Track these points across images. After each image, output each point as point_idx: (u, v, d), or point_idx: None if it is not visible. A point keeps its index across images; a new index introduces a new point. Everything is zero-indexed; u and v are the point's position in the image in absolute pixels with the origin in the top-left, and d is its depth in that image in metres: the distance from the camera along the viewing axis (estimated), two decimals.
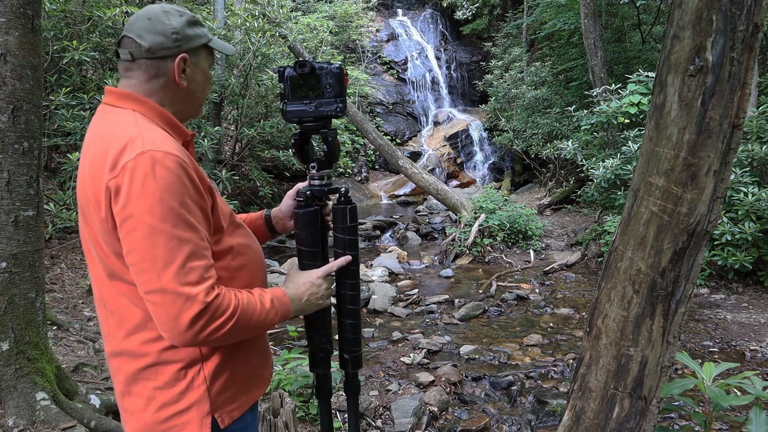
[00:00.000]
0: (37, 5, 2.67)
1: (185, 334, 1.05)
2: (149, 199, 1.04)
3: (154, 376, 1.16)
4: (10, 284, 2.66)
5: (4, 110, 2.58)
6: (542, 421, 3.80)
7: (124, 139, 1.09)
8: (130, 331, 1.16)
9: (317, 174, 1.44)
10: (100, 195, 1.08)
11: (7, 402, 2.62)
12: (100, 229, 1.12)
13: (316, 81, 1.35)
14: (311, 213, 1.39)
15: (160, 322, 1.07)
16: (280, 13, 9.19)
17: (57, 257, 5.57)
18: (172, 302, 1.04)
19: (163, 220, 1.04)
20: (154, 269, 1.04)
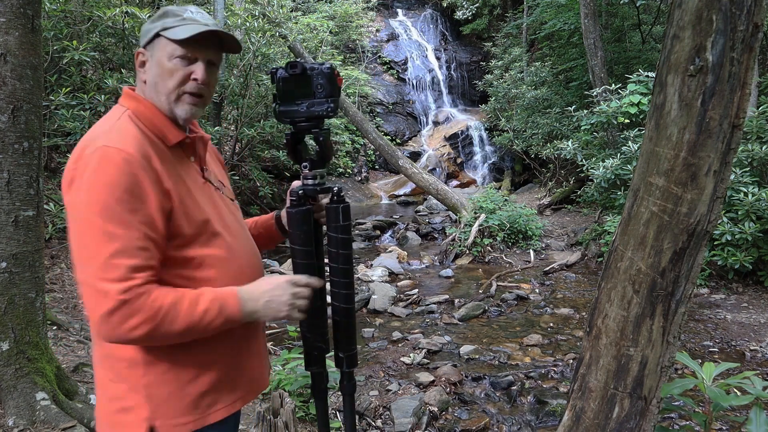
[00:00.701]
0: (37, 5, 2.67)
1: (100, 328, 1.05)
2: (89, 191, 1.05)
3: (108, 366, 1.17)
4: (10, 284, 2.66)
5: (4, 110, 2.58)
6: (542, 421, 3.80)
7: (93, 135, 1.13)
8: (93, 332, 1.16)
9: (310, 173, 1.44)
10: (64, 182, 1.12)
11: (7, 402, 2.62)
12: None
13: (308, 81, 1.34)
14: (303, 212, 1.38)
15: (89, 312, 1.07)
16: (280, 13, 9.19)
17: (57, 257, 5.57)
18: (90, 295, 1.05)
19: (97, 213, 1.04)
20: (81, 260, 1.06)
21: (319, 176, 1.45)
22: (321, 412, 1.51)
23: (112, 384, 1.16)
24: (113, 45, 6.99)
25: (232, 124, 10.35)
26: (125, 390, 1.14)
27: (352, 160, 15.60)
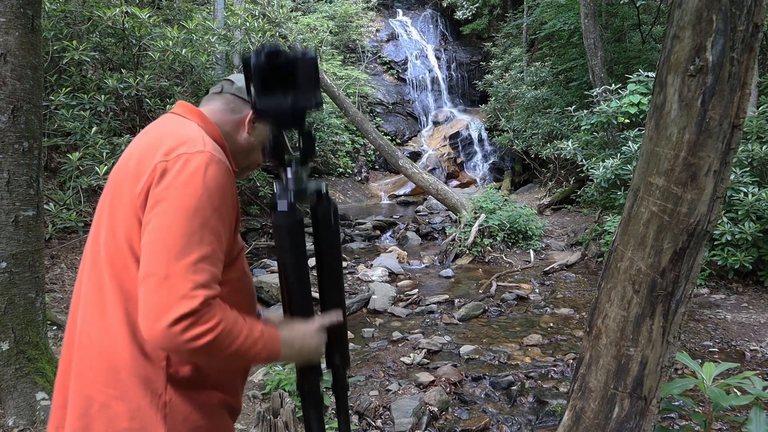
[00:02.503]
0: (37, 5, 2.67)
1: (165, 330, 0.93)
2: (192, 191, 1.00)
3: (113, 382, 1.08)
4: (10, 284, 2.66)
5: (4, 110, 2.58)
6: (542, 421, 3.80)
7: (187, 136, 1.09)
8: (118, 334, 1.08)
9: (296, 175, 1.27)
10: (143, 171, 1.04)
11: (7, 402, 2.62)
12: (126, 205, 1.05)
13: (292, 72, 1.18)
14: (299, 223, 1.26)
15: (146, 309, 0.95)
16: (280, 13, 9.19)
17: (57, 257, 5.57)
18: (169, 293, 0.94)
19: (196, 215, 0.99)
20: (167, 254, 0.96)
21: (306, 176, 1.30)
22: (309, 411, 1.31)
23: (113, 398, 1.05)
24: (113, 45, 6.98)
25: None
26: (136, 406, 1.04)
27: (352, 160, 15.60)
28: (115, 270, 1.06)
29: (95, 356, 1.07)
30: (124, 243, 1.04)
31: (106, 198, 1.12)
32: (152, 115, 7.29)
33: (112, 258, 1.06)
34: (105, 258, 1.07)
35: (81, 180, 5.28)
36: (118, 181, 1.10)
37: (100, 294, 1.08)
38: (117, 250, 1.06)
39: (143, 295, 0.96)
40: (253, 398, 3.76)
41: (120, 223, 1.05)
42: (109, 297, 1.06)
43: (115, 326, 1.05)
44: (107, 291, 1.06)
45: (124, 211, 1.05)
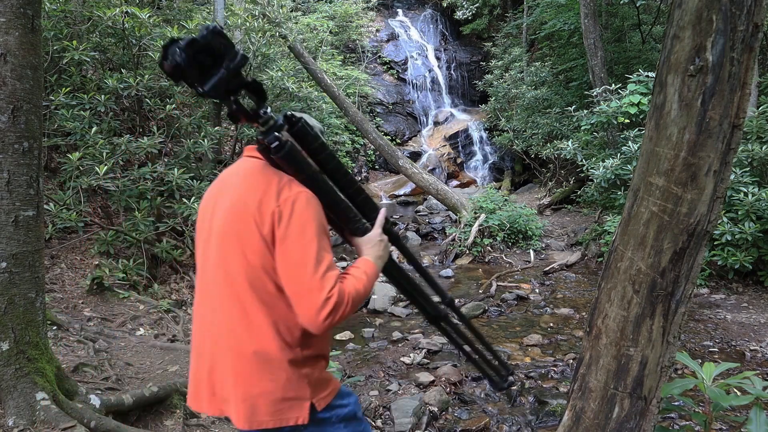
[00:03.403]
0: (37, 5, 2.67)
1: (323, 324, 1.37)
2: (306, 220, 1.40)
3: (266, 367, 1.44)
4: (10, 284, 2.66)
5: (4, 110, 2.58)
6: (542, 421, 3.80)
7: (282, 182, 1.44)
8: (262, 332, 1.44)
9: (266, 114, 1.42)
10: (265, 217, 1.40)
11: (7, 402, 2.62)
12: (256, 244, 1.41)
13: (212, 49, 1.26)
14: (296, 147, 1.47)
15: (302, 311, 1.37)
16: (280, 13, 9.18)
17: (57, 257, 5.57)
18: (316, 300, 1.35)
19: (312, 241, 1.39)
20: (304, 275, 1.37)
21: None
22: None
23: (276, 380, 1.44)
24: (113, 45, 6.98)
25: (232, 124, 10.34)
26: (289, 382, 1.45)
27: (352, 160, 15.60)
28: (255, 289, 1.43)
29: (250, 355, 1.43)
30: (261, 270, 1.42)
31: (230, 233, 1.45)
32: (152, 115, 7.29)
33: (252, 281, 1.43)
34: (244, 282, 1.43)
35: (81, 180, 5.28)
36: (242, 220, 1.43)
37: (243, 308, 1.44)
38: (256, 275, 1.42)
39: (299, 305, 1.38)
40: None
41: (254, 257, 1.42)
42: (252, 309, 1.43)
43: (263, 329, 1.43)
44: (249, 305, 1.43)
45: (256, 248, 1.42)
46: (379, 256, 1.58)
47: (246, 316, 1.43)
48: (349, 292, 1.41)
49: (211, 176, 7.45)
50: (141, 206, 5.96)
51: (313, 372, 1.51)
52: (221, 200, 1.50)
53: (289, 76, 9.38)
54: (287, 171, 1.47)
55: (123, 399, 3.09)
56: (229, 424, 3.44)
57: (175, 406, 3.36)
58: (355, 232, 1.58)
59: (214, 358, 1.48)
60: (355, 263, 1.54)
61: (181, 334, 4.90)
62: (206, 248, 1.53)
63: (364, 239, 1.58)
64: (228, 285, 1.45)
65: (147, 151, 5.94)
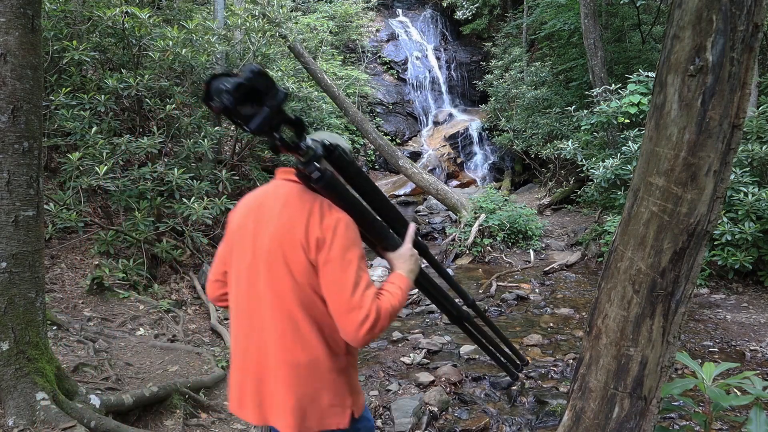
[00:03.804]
0: (37, 5, 2.67)
1: (362, 339, 1.50)
2: (346, 244, 1.53)
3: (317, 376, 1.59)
4: (10, 284, 2.66)
5: (4, 110, 2.58)
6: (542, 421, 3.80)
7: (322, 207, 1.57)
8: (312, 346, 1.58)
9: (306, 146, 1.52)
10: (311, 243, 1.53)
11: (7, 402, 2.62)
12: (303, 267, 1.54)
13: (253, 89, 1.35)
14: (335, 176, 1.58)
15: (344, 327, 1.51)
16: (280, 13, 9.18)
17: (57, 257, 5.57)
18: (357, 317, 1.49)
19: (352, 263, 1.52)
20: (346, 294, 1.50)
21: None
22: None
23: (323, 389, 1.60)
24: (113, 45, 6.98)
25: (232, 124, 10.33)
26: (335, 390, 1.61)
27: None
28: (305, 306, 1.57)
29: (303, 365, 1.58)
30: (309, 288, 1.56)
31: (278, 256, 1.57)
32: (152, 115, 7.29)
33: (302, 299, 1.56)
34: (294, 300, 1.56)
35: (81, 180, 5.28)
36: (289, 245, 1.56)
37: (294, 323, 1.57)
38: (305, 293, 1.56)
39: (341, 322, 1.52)
40: None
41: (302, 278, 1.55)
42: (303, 324, 1.57)
43: (314, 341, 1.58)
44: (300, 320, 1.57)
45: (304, 270, 1.55)
46: (411, 269, 1.71)
47: (297, 330, 1.57)
48: (386, 308, 1.54)
49: (211, 176, 7.45)
50: (141, 206, 5.96)
51: (352, 379, 1.68)
52: (264, 225, 1.61)
53: (289, 76, 9.38)
54: (326, 196, 1.58)
55: (123, 399, 3.09)
56: (229, 424, 3.44)
57: (175, 406, 3.36)
58: (388, 248, 1.72)
59: (264, 373, 1.62)
60: (389, 278, 1.67)
61: (181, 334, 4.90)
62: (250, 269, 1.63)
63: (396, 254, 1.72)
64: (278, 304, 1.58)
65: (147, 151, 5.94)
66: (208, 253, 7.74)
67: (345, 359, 1.64)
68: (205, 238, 6.84)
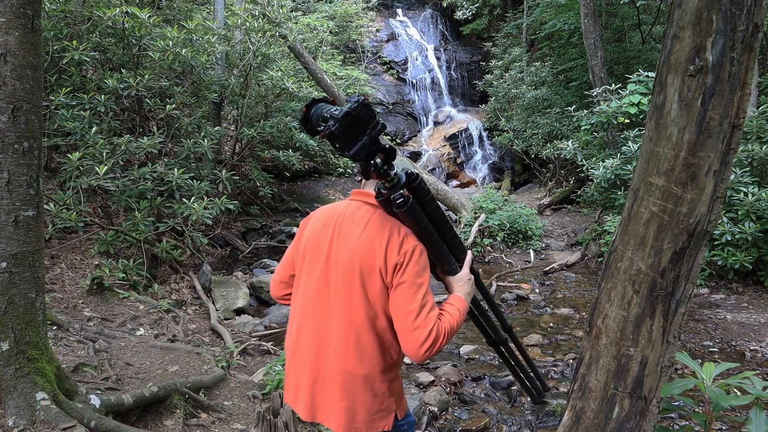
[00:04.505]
0: (37, 5, 2.67)
1: (423, 356, 1.64)
2: (418, 270, 1.68)
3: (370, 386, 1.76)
4: (10, 284, 2.66)
5: (4, 110, 2.58)
6: (542, 421, 3.80)
7: (402, 234, 1.71)
8: (372, 358, 1.74)
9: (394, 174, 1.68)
10: (390, 267, 1.68)
11: (7, 402, 2.62)
12: (378, 289, 1.70)
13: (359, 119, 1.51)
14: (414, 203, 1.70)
15: (407, 345, 1.66)
16: (280, 13, 9.18)
17: (57, 257, 5.57)
18: (420, 336, 1.62)
19: (421, 287, 1.66)
20: (413, 315, 1.64)
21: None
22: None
23: (374, 396, 1.77)
24: (113, 45, 6.98)
25: (232, 124, 10.34)
26: (383, 397, 1.78)
27: None
28: (371, 323, 1.72)
29: (360, 377, 1.74)
30: (379, 308, 1.72)
31: (355, 275, 1.72)
32: (152, 115, 7.29)
33: (371, 317, 1.72)
34: (364, 317, 1.72)
35: (81, 180, 5.28)
36: (368, 267, 1.70)
37: (358, 338, 1.73)
38: (374, 312, 1.72)
39: (405, 340, 1.66)
40: (253, 398, 3.76)
41: (375, 298, 1.71)
42: (365, 339, 1.73)
43: (372, 357, 1.74)
44: (364, 336, 1.72)
45: (378, 292, 1.70)
46: (468, 293, 1.87)
47: (360, 345, 1.73)
48: (446, 328, 1.68)
49: (211, 176, 7.45)
50: (141, 206, 5.96)
51: (398, 387, 1.86)
52: (342, 243, 1.76)
53: (289, 76, 9.38)
54: (403, 221, 1.72)
55: (123, 399, 3.09)
56: (229, 424, 3.44)
57: (175, 406, 3.36)
58: (449, 272, 1.88)
59: (321, 374, 1.78)
60: (449, 300, 1.81)
61: (181, 334, 4.90)
62: (321, 282, 1.80)
63: (456, 278, 1.87)
64: (346, 318, 1.73)
65: (147, 151, 5.94)
66: (208, 253, 7.74)
67: (395, 371, 1.82)
68: (205, 238, 6.85)
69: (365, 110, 1.51)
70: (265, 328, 5.70)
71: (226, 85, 8.57)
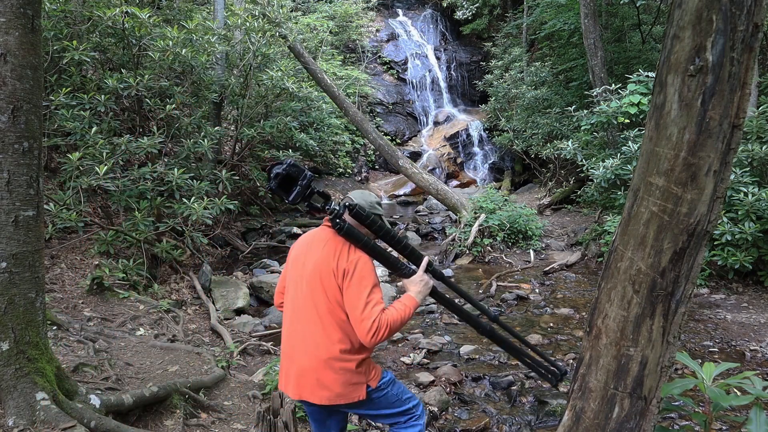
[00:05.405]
0: (37, 5, 2.67)
1: (370, 341, 2.08)
2: (363, 275, 2.12)
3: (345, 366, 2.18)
4: (10, 284, 2.66)
5: (4, 110, 2.58)
6: (542, 421, 3.80)
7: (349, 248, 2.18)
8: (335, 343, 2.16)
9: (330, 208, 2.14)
10: (339, 272, 2.14)
11: (7, 402, 2.62)
12: (333, 288, 2.15)
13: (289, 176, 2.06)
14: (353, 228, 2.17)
15: (358, 333, 2.09)
16: (280, 13, 9.18)
17: (57, 257, 5.57)
18: (367, 325, 2.06)
19: (369, 284, 2.11)
20: (360, 307, 2.08)
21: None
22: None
23: (346, 373, 2.17)
24: (113, 45, 6.98)
25: (232, 124, 10.34)
26: (354, 373, 2.19)
27: (352, 160, 15.59)
28: (333, 316, 2.17)
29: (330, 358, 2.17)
30: (336, 304, 2.16)
31: (317, 278, 2.19)
32: (152, 115, 7.29)
33: (331, 311, 2.17)
34: (326, 311, 2.17)
35: (81, 180, 5.28)
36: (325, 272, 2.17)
37: (325, 328, 2.17)
38: (333, 307, 2.16)
39: (357, 329, 2.10)
40: (253, 398, 3.76)
41: (332, 295, 2.16)
42: (330, 329, 2.17)
43: (337, 342, 2.17)
44: (329, 326, 2.17)
45: (334, 290, 2.15)
46: (419, 291, 2.25)
47: (325, 334, 2.16)
48: (388, 321, 2.08)
49: (211, 176, 7.45)
50: (141, 206, 5.96)
51: (367, 366, 2.24)
52: (310, 256, 2.24)
53: (289, 76, 9.38)
54: (347, 240, 2.17)
55: (123, 399, 3.09)
56: (229, 424, 3.44)
57: (175, 406, 3.36)
58: (403, 275, 2.27)
59: (303, 362, 2.20)
60: (401, 298, 2.20)
61: (181, 334, 4.90)
62: (297, 286, 2.26)
63: (409, 280, 2.26)
64: (315, 313, 2.18)
65: (147, 151, 5.94)
66: (208, 253, 7.74)
67: (360, 352, 2.20)
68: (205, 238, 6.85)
69: (293, 168, 2.04)
70: (265, 328, 5.70)
71: (226, 85, 8.57)
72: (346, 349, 2.17)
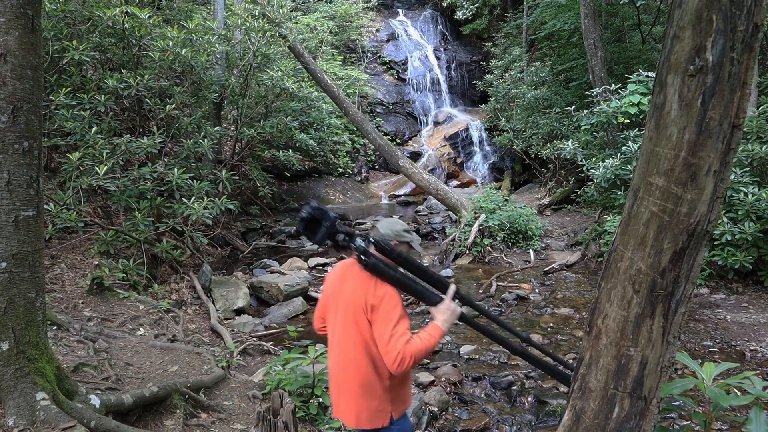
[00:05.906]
0: (37, 5, 2.67)
1: (396, 370, 2.17)
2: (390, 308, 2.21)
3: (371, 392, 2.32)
4: (10, 284, 2.66)
5: (4, 110, 2.58)
6: (542, 421, 3.80)
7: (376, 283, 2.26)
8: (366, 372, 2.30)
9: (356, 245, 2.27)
10: (368, 306, 2.24)
11: (7, 402, 2.62)
12: (363, 322, 2.27)
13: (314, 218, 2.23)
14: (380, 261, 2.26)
15: (387, 364, 2.19)
16: (280, 13, 9.18)
17: (57, 257, 5.57)
18: (393, 355, 2.15)
19: (395, 317, 2.20)
20: (386, 339, 2.18)
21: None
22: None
23: (373, 400, 2.31)
24: (113, 45, 6.98)
25: (232, 124, 10.35)
26: (380, 401, 2.32)
27: (352, 160, 15.59)
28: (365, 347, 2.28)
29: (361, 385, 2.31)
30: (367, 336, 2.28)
31: (349, 312, 2.31)
32: (152, 115, 7.29)
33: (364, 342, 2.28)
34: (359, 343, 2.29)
35: (81, 180, 5.28)
36: (355, 307, 2.29)
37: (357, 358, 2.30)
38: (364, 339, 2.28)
39: (385, 358, 2.19)
40: (253, 398, 3.76)
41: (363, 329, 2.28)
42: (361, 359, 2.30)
43: (368, 371, 2.30)
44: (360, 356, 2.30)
45: (364, 324, 2.27)
46: (446, 320, 2.31)
47: (358, 362, 2.31)
48: (412, 352, 2.17)
49: (211, 176, 7.45)
50: (141, 206, 5.96)
51: (394, 394, 2.36)
52: (343, 288, 2.37)
53: (289, 76, 9.38)
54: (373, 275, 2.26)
55: (123, 399, 3.09)
56: (229, 424, 3.44)
57: (175, 406, 3.36)
58: (430, 304, 2.34)
59: (339, 387, 2.38)
60: (426, 327, 2.28)
61: (181, 334, 4.90)
62: (335, 318, 2.40)
63: (436, 309, 2.33)
64: (349, 344, 2.33)
65: (147, 151, 5.94)
66: (208, 253, 7.75)
67: (389, 381, 2.32)
68: (205, 238, 6.85)
69: (317, 211, 2.21)
70: (265, 328, 5.70)
71: (226, 85, 8.57)
72: (377, 378, 2.31)
